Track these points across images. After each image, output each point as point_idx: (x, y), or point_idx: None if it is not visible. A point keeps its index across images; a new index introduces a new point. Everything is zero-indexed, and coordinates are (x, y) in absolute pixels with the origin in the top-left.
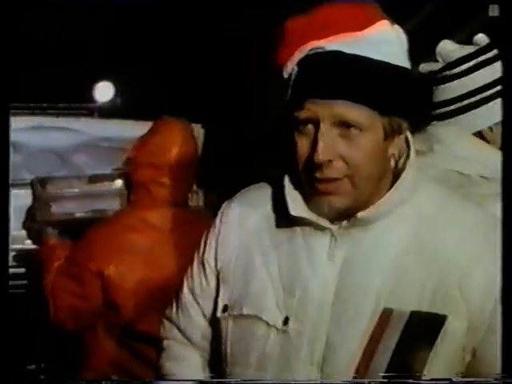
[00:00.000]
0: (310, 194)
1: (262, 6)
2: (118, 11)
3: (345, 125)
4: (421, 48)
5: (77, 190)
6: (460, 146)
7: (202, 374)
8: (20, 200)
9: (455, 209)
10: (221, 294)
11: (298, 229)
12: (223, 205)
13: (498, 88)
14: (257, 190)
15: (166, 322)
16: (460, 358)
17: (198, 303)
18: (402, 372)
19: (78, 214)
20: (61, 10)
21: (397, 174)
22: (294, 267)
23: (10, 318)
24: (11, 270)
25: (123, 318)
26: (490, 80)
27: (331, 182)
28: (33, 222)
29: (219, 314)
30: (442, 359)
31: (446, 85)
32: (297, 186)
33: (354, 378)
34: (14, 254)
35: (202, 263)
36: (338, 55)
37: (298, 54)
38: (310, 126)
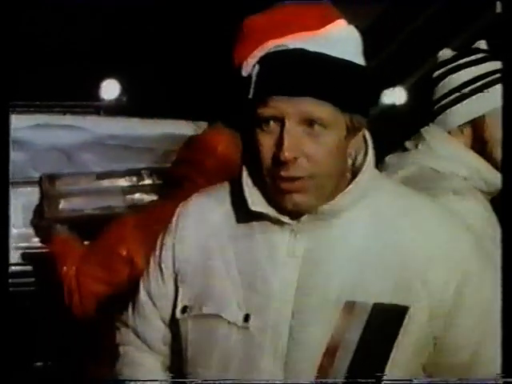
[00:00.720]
0: (273, 192)
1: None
2: (123, 9)
3: (309, 122)
4: (427, 48)
5: (85, 187)
6: (439, 145)
7: (158, 377)
8: (26, 198)
9: (412, 203)
10: (179, 295)
11: (256, 225)
12: (179, 205)
13: (472, 87)
14: (214, 191)
15: (122, 328)
16: (422, 348)
17: (155, 306)
18: (366, 363)
19: (86, 211)
20: (66, 9)
21: (355, 171)
22: (254, 264)
23: (13, 316)
24: (17, 268)
25: None
26: (465, 79)
27: (295, 180)
28: (41, 218)
29: (178, 315)
30: (405, 350)
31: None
32: (256, 182)
33: (319, 372)
34: (21, 251)
35: (159, 265)
36: (301, 53)
37: (258, 52)
38: (274, 124)
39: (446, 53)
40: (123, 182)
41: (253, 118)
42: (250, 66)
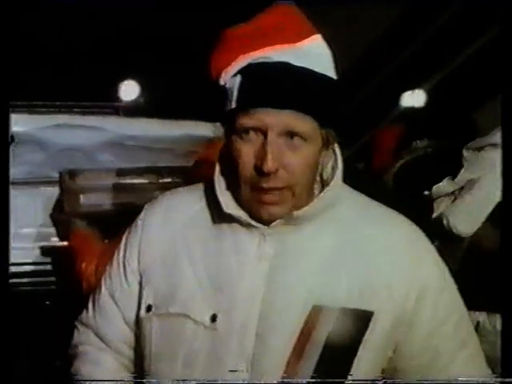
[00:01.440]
0: (249, 201)
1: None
2: (143, 10)
3: (290, 134)
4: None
5: (105, 183)
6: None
7: (118, 377)
8: (45, 197)
9: (377, 214)
10: (144, 294)
11: (226, 227)
12: (145, 206)
13: None
14: (183, 192)
15: (81, 327)
16: (383, 353)
17: (117, 305)
18: (332, 367)
19: (105, 207)
20: (88, 10)
21: (323, 182)
22: (222, 265)
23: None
24: (34, 268)
25: None
26: None
27: (274, 191)
28: (61, 213)
29: (143, 314)
30: (368, 354)
31: None
32: (228, 186)
33: (285, 373)
34: (41, 250)
35: (124, 264)
36: (286, 66)
37: (238, 63)
38: (254, 134)
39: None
40: (143, 179)
41: (233, 127)
42: (228, 75)
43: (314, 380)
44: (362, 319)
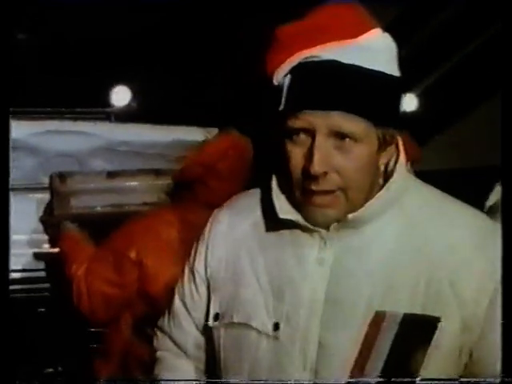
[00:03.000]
0: (302, 204)
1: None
2: (133, 16)
3: (340, 136)
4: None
5: (96, 185)
6: None
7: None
8: (37, 203)
9: (444, 208)
10: (212, 302)
11: (286, 233)
12: (213, 213)
13: None
14: (246, 197)
15: (159, 333)
16: (456, 359)
17: (189, 312)
18: (397, 375)
19: (96, 208)
20: (77, 15)
21: (386, 177)
22: (283, 272)
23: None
24: (28, 274)
25: (153, 309)
26: None
27: (326, 194)
28: (51, 216)
29: (211, 322)
30: (436, 361)
31: None
32: (284, 189)
33: (349, 381)
34: (33, 256)
35: (192, 272)
36: (334, 64)
37: (290, 62)
38: (304, 136)
39: None
40: (134, 181)
41: (283, 129)
42: (281, 75)
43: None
44: (428, 325)
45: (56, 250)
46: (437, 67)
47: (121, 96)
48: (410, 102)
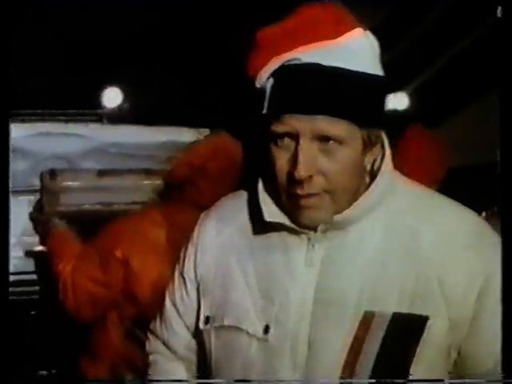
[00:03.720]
0: (289, 207)
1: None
2: (125, 17)
3: (324, 139)
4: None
5: (85, 183)
6: None
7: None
8: (28, 206)
9: (430, 205)
10: (202, 305)
11: (274, 235)
12: (200, 217)
13: None
14: (232, 200)
15: (151, 336)
16: (445, 356)
17: (180, 316)
18: (387, 374)
19: (85, 206)
20: (69, 17)
21: (372, 176)
22: (272, 274)
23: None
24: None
25: (139, 309)
26: None
27: (311, 196)
28: (40, 213)
29: (202, 326)
30: (426, 359)
31: None
32: (271, 192)
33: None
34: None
35: (182, 276)
36: (315, 67)
37: (272, 64)
38: (288, 140)
39: None
40: (123, 180)
41: (267, 133)
42: (263, 78)
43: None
44: (417, 324)
45: (44, 249)
46: (429, 65)
47: (112, 98)
48: (401, 101)
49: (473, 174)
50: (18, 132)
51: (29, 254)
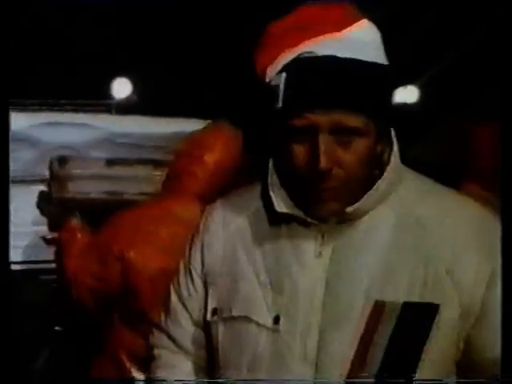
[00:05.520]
0: (307, 200)
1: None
2: (135, 8)
3: (342, 131)
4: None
5: (94, 172)
6: None
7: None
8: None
9: (439, 197)
10: (209, 297)
11: (283, 227)
12: (206, 208)
13: None
14: (241, 193)
15: (155, 330)
16: (455, 345)
17: (186, 308)
18: (398, 364)
19: (92, 195)
20: (78, 7)
21: (381, 168)
22: (282, 265)
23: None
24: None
25: (139, 303)
26: None
27: (331, 190)
28: (49, 200)
29: (209, 317)
30: (437, 349)
31: None
32: (282, 185)
33: (349, 372)
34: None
35: (189, 268)
36: (332, 60)
37: (283, 58)
38: (306, 134)
39: None
40: (131, 170)
41: (283, 127)
42: (273, 72)
43: (376, 380)
44: (427, 313)
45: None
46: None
47: (121, 88)
48: (410, 95)
49: None
50: (28, 121)
51: (41, 241)
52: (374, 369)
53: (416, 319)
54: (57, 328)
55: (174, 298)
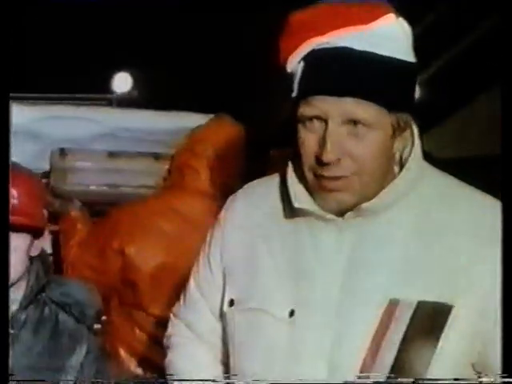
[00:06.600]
0: (317, 190)
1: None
2: (136, 4)
3: (353, 122)
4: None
5: (95, 164)
6: None
7: (213, 370)
8: None
9: (460, 196)
10: (227, 288)
11: (302, 221)
12: (228, 200)
13: None
14: (261, 184)
15: (174, 319)
16: (470, 347)
17: (204, 298)
18: (410, 363)
19: (92, 187)
20: (79, 1)
21: (401, 165)
22: (300, 259)
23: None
24: None
25: (138, 298)
26: None
27: (338, 179)
28: (49, 192)
29: (226, 308)
30: (450, 349)
31: None
32: (300, 178)
33: (362, 368)
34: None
35: (208, 258)
36: (346, 51)
37: (303, 49)
38: (317, 123)
39: None
40: (132, 163)
41: (296, 116)
42: (294, 62)
43: (389, 378)
44: (441, 313)
45: (55, 227)
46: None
47: (123, 82)
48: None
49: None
50: (29, 115)
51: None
52: (387, 366)
53: (430, 319)
54: None
55: (192, 286)
